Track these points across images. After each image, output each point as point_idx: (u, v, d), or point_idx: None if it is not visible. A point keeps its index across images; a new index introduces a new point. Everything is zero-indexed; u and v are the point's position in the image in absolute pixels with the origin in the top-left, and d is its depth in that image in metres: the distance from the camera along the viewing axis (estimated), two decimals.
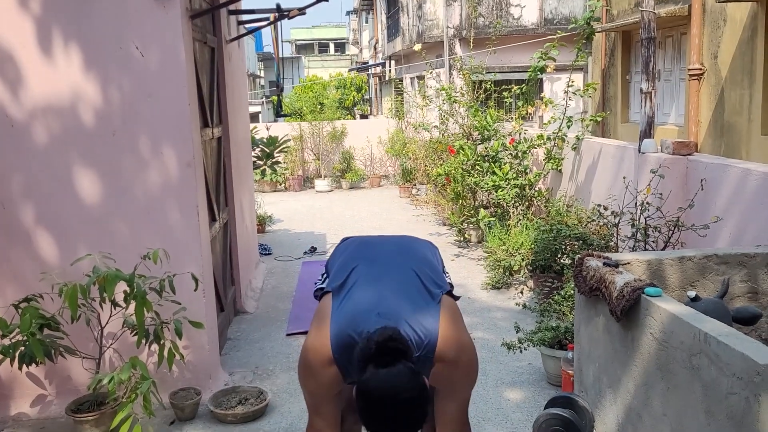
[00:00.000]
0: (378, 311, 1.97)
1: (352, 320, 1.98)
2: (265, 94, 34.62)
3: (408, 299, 2.06)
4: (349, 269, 2.19)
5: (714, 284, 3.12)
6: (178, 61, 3.62)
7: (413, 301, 2.06)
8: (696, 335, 2.22)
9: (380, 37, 23.18)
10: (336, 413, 2.11)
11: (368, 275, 2.15)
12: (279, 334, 5.01)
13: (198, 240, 3.79)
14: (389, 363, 1.78)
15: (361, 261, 2.23)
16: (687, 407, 2.30)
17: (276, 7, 5.37)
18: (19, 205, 3.63)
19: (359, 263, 2.21)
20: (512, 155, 7.09)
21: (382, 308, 1.98)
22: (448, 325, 2.04)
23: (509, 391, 3.91)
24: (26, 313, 3.21)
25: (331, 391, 2.05)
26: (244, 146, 6.42)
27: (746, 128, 6.99)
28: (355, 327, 1.95)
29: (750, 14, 6.86)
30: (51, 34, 3.53)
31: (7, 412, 3.70)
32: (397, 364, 1.78)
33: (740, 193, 4.00)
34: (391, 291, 2.08)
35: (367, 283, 2.11)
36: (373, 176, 13.37)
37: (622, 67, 9.96)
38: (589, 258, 3.10)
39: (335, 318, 2.05)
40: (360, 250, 2.34)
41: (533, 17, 13.68)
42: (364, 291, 2.09)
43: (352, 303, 2.06)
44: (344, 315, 2.03)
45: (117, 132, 3.64)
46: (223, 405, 3.71)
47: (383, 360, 1.79)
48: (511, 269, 5.92)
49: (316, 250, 7.67)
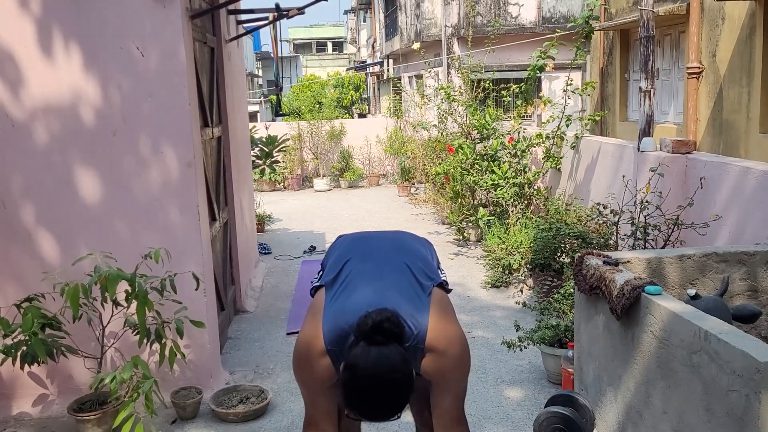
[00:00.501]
0: (370, 304, 1.99)
1: (345, 313, 2.00)
2: (263, 93, 34.61)
3: (400, 292, 2.08)
4: (341, 263, 2.21)
5: (714, 282, 3.13)
6: (179, 61, 3.63)
7: (405, 294, 2.08)
8: (696, 333, 2.24)
9: (378, 36, 23.17)
10: (331, 406, 2.12)
11: (361, 269, 2.17)
12: (279, 332, 5.01)
13: (199, 239, 3.80)
14: (381, 343, 1.82)
15: (354, 255, 2.25)
16: (687, 405, 2.31)
17: (275, 6, 5.37)
18: (20, 204, 3.63)
19: (352, 257, 2.24)
20: (511, 154, 7.10)
21: (374, 301, 2.00)
22: (438, 317, 2.06)
23: (509, 390, 3.92)
24: (28, 313, 3.22)
25: (325, 383, 2.07)
26: (243, 146, 6.42)
27: (745, 126, 7.01)
28: (347, 320, 1.97)
29: (748, 13, 6.88)
30: (51, 33, 3.53)
31: (8, 412, 3.70)
32: (389, 345, 1.82)
33: (739, 192, 4.01)
34: (384, 284, 2.10)
35: (360, 277, 2.14)
36: (372, 175, 13.38)
37: (620, 65, 9.98)
38: (589, 256, 3.12)
39: (328, 311, 2.07)
40: (354, 245, 2.36)
41: (531, 16, 13.69)
42: (357, 285, 2.11)
43: (344, 296, 2.09)
44: (337, 308, 2.06)
45: (117, 132, 3.64)
46: (224, 404, 3.72)
47: (376, 339, 1.82)
48: (510, 268, 5.93)
49: (315, 249, 7.68)
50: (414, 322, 2.00)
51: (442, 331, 2.04)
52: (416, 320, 2.01)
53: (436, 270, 2.29)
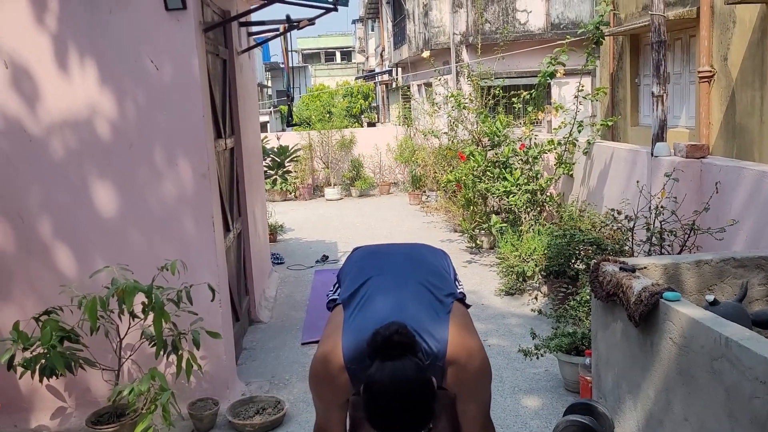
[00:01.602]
0: (389, 318, 1.99)
1: (363, 331, 2.00)
2: (272, 103, 34.78)
3: (419, 310, 2.09)
4: (360, 281, 2.22)
5: (732, 288, 3.10)
6: (192, 74, 3.66)
7: (424, 312, 2.09)
8: (717, 339, 2.21)
9: (386, 45, 23.25)
10: (343, 417, 2.17)
11: (379, 287, 2.18)
12: (294, 343, 5.02)
13: (214, 250, 3.82)
14: (395, 356, 1.83)
15: (372, 272, 2.26)
16: (709, 411, 2.29)
17: (286, 18, 5.42)
18: (37, 218, 3.67)
19: (371, 275, 2.25)
20: (523, 160, 7.09)
21: (393, 316, 2.01)
22: (458, 332, 2.07)
23: (527, 398, 3.90)
24: (46, 326, 3.24)
25: (341, 398, 2.09)
26: (255, 156, 6.46)
27: (758, 130, 6.95)
28: (366, 336, 1.97)
29: (759, 15, 6.84)
30: (67, 49, 3.58)
31: (27, 425, 3.73)
32: (403, 357, 1.83)
33: (756, 196, 3.98)
34: (403, 302, 2.11)
35: (379, 295, 2.15)
36: (383, 183, 13.39)
37: (630, 70, 9.94)
38: (605, 263, 3.10)
39: (347, 328, 2.08)
40: (371, 260, 2.37)
41: (540, 22, 13.69)
42: (376, 302, 2.12)
43: (363, 314, 2.10)
44: (357, 325, 2.07)
45: (133, 144, 3.67)
46: (240, 415, 3.72)
47: (389, 353, 1.83)
48: (524, 275, 5.91)
49: (327, 258, 7.69)
50: (433, 341, 2.02)
51: (461, 346, 2.04)
52: (435, 339, 2.03)
53: (453, 284, 2.30)
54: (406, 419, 1.81)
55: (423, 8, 14.98)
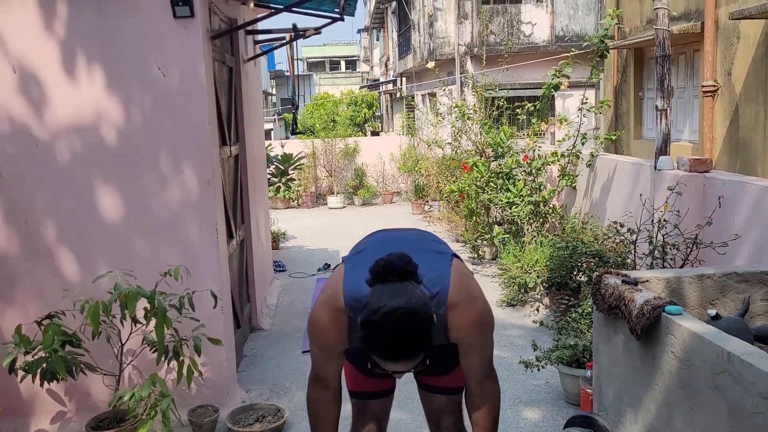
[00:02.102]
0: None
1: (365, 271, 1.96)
2: (277, 111, 34.88)
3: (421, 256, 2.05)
4: (362, 245, 2.27)
5: (734, 302, 3.10)
6: (199, 81, 3.68)
7: (426, 258, 2.08)
8: (719, 354, 2.21)
9: (391, 55, 23.34)
10: (339, 368, 2.20)
11: (381, 244, 2.21)
12: (295, 350, 5.01)
13: (217, 257, 3.83)
14: (395, 281, 1.83)
15: (373, 237, 2.33)
16: (712, 427, 2.28)
17: (292, 27, 5.45)
18: (42, 222, 3.68)
19: (372, 239, 2.31)
20: (526, 172, 7.10)
21: None
22: (459, 277, 2.08)
23: (527, 410, 3.89)
24: (49, 330, 3.25)
25: (339, 347, 2.10)
26: (259, 164, 6.48)
27: (762, 145, 6.96)
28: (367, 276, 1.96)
29: (764, 31, 6.87)
30: (75, 54, 3.60)
31: (27, 429, 3.72)
32: (404, 282, 1.83)
33: (759, 211, 3.98)
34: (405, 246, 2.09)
35: (381, 247, 2.15)
36: (386, 193, 13.40)
37: (634, 83, 9.97)
38: (607, 276, 3.10)
39: (348, 274, 2.09)
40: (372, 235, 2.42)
41: (544, 35, 13.75)
42: (378, 248, 2.13)
43: (365, 261, 2.06)
44: (358, 271, 2.05)
45: (139, 150, 3.69)
46: (240, 422, 3.71)
47: (390, 279, 1.83)
48: (526, 286, 5.90)
49: (329, 266, 7.69)
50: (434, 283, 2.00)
51: (463, 288, 2.06)
52: (436, 280, 2.01)
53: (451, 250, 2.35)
54: (404, 342, 1.76)
55: (428, 19, 15.06)
